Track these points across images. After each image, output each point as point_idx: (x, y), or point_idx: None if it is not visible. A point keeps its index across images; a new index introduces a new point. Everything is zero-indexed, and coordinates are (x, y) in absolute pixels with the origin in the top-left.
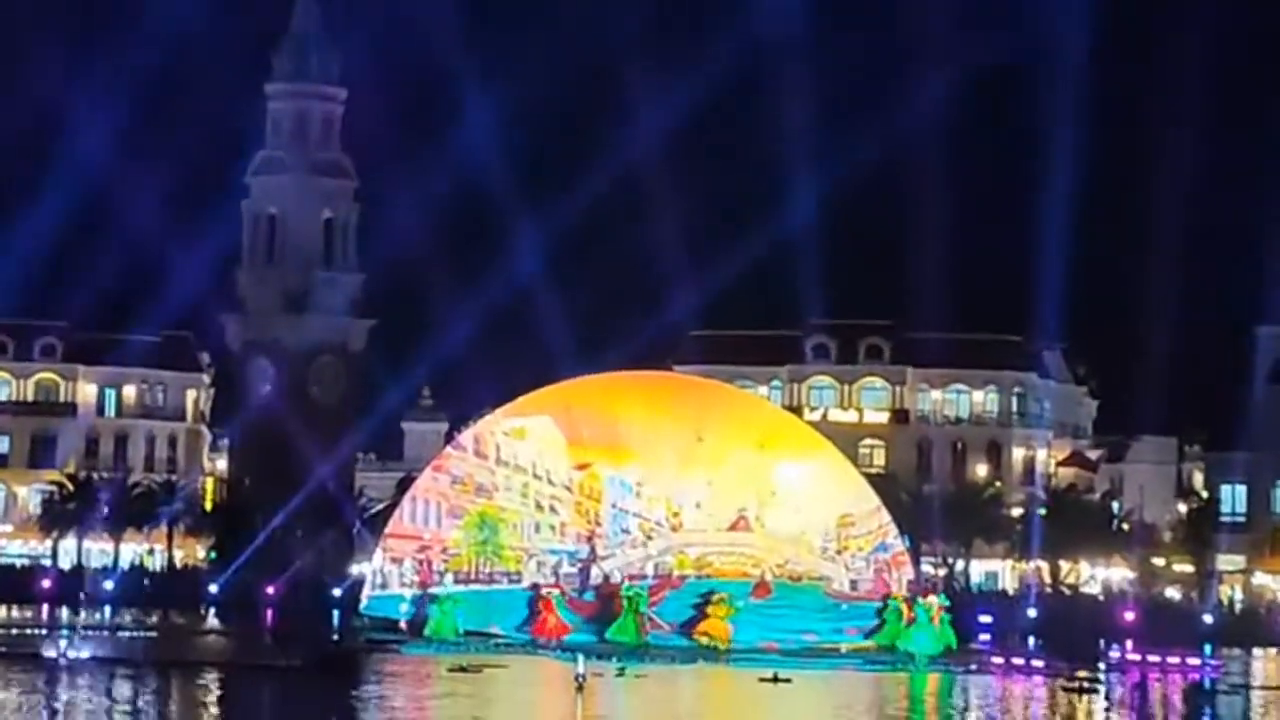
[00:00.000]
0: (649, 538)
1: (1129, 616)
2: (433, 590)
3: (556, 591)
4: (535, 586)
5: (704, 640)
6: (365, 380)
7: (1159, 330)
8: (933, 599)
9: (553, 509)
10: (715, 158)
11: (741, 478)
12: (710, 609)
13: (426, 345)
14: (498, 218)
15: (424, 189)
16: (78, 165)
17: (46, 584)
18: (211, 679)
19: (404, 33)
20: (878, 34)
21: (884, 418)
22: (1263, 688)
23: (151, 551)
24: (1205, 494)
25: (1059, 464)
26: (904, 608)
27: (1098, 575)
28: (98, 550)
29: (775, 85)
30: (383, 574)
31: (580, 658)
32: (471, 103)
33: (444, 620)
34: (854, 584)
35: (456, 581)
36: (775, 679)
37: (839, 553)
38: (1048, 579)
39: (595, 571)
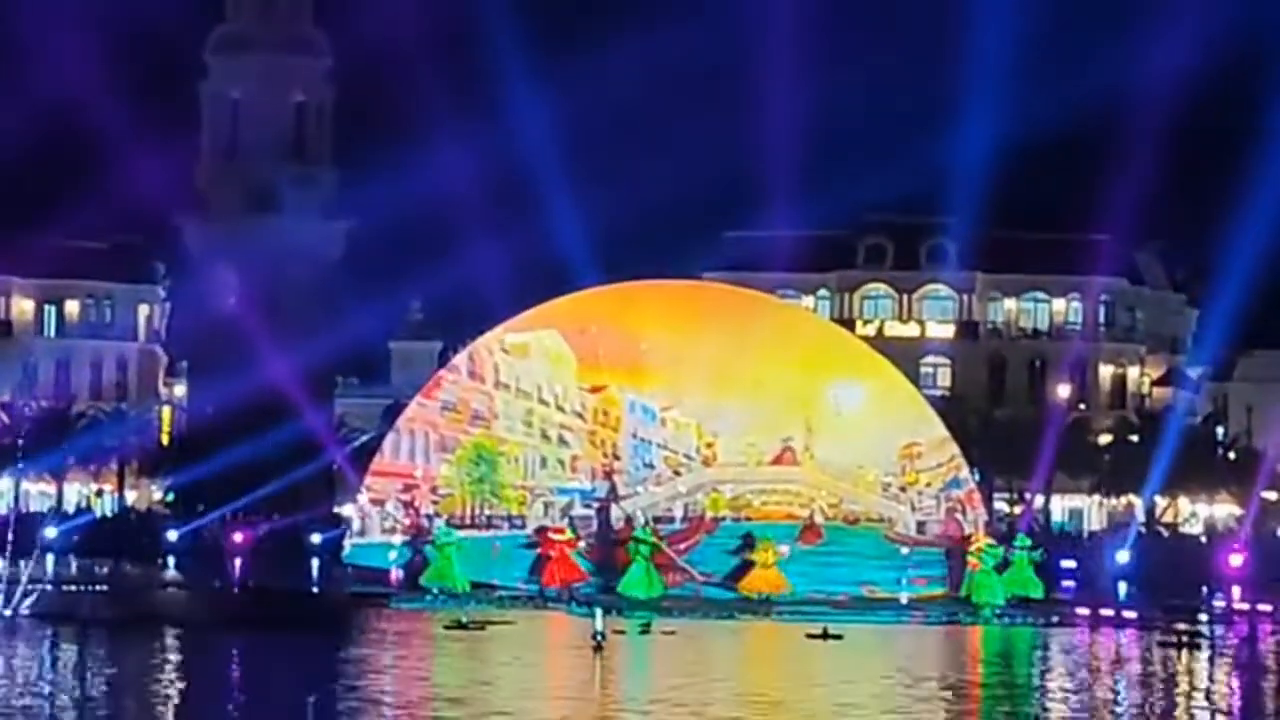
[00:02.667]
0: (677, 473)
1: (1236, 560)
2: (428, 536)
3: (563, 537)
4: (541, 530)
5: (755, 595)
6: (344, 292)
7: (1269, 227)
8: (987, 541)
9: (562, 440)
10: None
11: (786, 402)
12: (755, 556)
13: (416, 252)
14: (504, 99)
15: (412, 68)
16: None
17: None
18: (171, 639)
19: None
20: None
21: (949, 331)
22: None
23: (100, 493)
24: None
25: (1154, 384)
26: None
27: (1200, 513)
28: (38, 492)
29: None
30: (365, 518)
31: (599, 613)
32: None
33: (445, 566)
34: (921, 526)
35: (449, 526)
36: (825, 635)
37: (903, 489)
38: (1141, 517)
39: (615, 513)
